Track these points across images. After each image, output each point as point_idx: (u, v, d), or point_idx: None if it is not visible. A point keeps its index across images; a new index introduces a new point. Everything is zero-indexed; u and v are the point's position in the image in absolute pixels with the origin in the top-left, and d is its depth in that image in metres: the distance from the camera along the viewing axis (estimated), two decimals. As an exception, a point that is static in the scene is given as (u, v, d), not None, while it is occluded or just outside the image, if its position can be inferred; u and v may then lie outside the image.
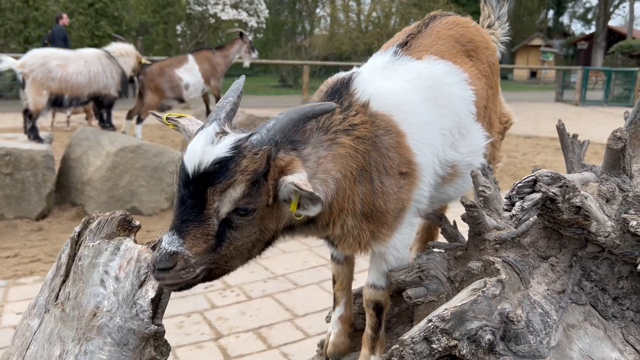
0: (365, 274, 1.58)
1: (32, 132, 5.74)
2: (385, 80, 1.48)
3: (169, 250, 1.03)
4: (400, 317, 1.71)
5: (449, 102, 1.53)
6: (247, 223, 1.13)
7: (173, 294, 1.10)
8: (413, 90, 1.47)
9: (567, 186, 1.17)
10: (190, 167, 1.06)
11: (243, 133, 1.12)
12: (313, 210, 1.12)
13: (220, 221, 1.09)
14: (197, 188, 1.06)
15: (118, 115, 10.27)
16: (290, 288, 4.27)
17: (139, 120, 7.31)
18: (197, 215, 1.07)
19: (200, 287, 4.12)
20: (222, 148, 1.07)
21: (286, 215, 1.21)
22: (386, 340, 1.60)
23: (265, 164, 1.09)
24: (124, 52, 6.23)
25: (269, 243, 1.26)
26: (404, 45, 1.62)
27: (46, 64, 5.59)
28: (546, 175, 1.16)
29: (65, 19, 11.56)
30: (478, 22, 1.96)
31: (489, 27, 2.04)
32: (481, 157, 1.65)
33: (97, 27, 18.57)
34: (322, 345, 1.73)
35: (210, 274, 1.13)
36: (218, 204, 1.07)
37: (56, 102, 5.73)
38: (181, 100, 7.49)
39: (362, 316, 1.68)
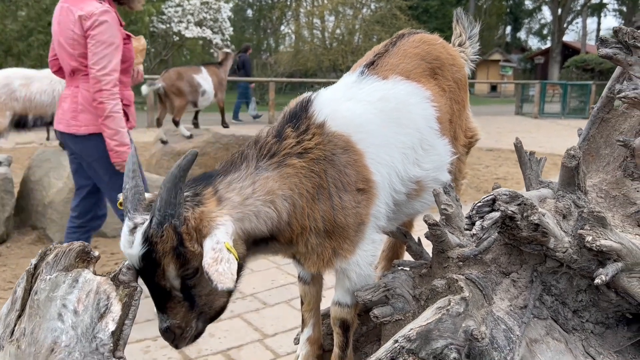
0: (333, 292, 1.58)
1: (-10, 155, 5.57)
2: (347, 101, 1.51)
3: (163, 327, 1.27)
4: (369, 336, 1.71)
5: (411, 121, 1.57)
6: (200, 279, 1.25)
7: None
8: (374, 112, 1.51)
9: (525, 204, 1.20)
10: (133, 267, 1.21)
11: (146, 220, 1.20)
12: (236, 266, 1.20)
13: (180, 290, 1.25)
14: (146, 279, 1.21)
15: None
16: (259, 307, 4.22)
17: (176, 124, 7.71)
18: (163, 295, 1.24)
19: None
20: (138, 247, 1.17)
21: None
22: (355, 359, 1.60)
23: (175, 237, 1.18)
24: None
25: (240, 270, 1.30)
26: (370, 65, 1.66)
27: (9, 84, 5.46)
28: (504, 194, 1.19)
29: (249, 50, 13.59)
30: (445, 38, 2.01)
31: (460, 45, 2.10)
32: (447, 172, 1.69)
33: (57, 45, 18.19)
34: (290, 368, 1.71)
35: (208, 318, 1.33)
36: (168, 284, 1.22)
37: (20, 123, 5.59)
38: (195, 104, 7.83)
39: (331, 337, 1.67)
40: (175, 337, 1.29)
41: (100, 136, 3.53)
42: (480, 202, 1.17)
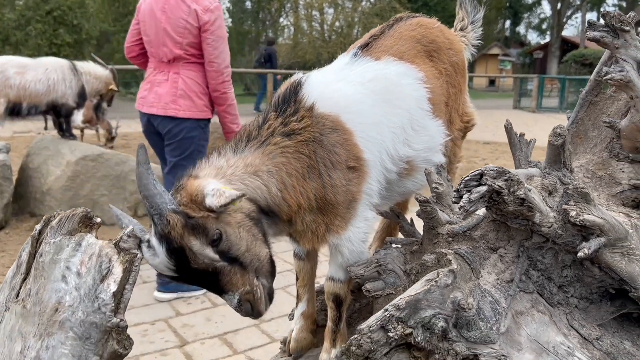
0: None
1: (-12, 142, 5.59)
2: (337, 82, 1.55)
3: (235, 304, 1.32)
4: (361, 313, 1.76)
5: (401, 101, 1.60)
6: (229, 238, 1.29)
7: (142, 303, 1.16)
8: (364, 92, 1.54)
9: (512, 180, 1.25)
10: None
11: (150, 229, 1.25)
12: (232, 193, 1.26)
13: (222, 259, 1.28)
14: (190, 275, 1.28)
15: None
16: (256, 294, 4.27)
17: None
18: (213, 277, 1.29)
19: (165, 296, 4.09)
20: (159, 249, 1.21)
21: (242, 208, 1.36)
22: (348, 335, 1.64)
23: (180, 216, 1.23)
24: (92, 73, 6.18)
25: (260, 222, 1.40)
26: (364, 46, 1.69)
27: (4, 71, 5.47)
28: (492, 170, 1.23)
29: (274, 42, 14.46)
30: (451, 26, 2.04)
31: (462, 29, 2.12)
32: (440, 154, 1.72)
33: (55, 35, 18.15)
34: (285, 342, 1.76)
35: (266, 272, 1.39)
36: (207, 260, 1.26)
37: (14, 111, 5.61)
38: None
39: (325, 312, 1.72)
40: (251, 305, 1.34)
41: (191, 121, 3.86)
42: (468, 176, 1.22)
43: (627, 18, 1.42)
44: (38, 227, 1.05)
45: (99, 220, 1.06)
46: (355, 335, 1.21)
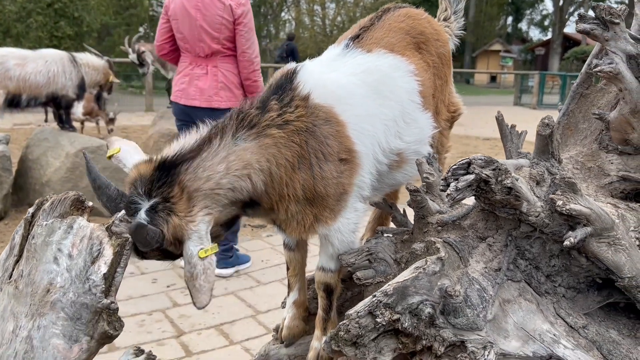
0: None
1: (-13, 133, 5.61)
2: (331, 73, 1.55)
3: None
4: (353, 302, 1.78)
5: (394, 94, 1.60)
6: None
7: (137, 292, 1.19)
8: (358, 83, 1.55)
9: (499, 169, 1.26)
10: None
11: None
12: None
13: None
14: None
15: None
16: (253, 285, 4.31)
17: None
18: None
19: (162, 287, 4.12)
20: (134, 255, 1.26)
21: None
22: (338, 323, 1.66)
23: (160, 252, 1.28)
24: (91, 64, 6.24)
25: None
26: (355, 38, 1.69)
27: (4, 63, 5.49)
28: (480, 159, 1.25)
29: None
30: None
31: (445, 20, 2.13)
32: (428, 145, 1.73)
33: (56, 27, 18.13)
34: (277, 330, 1.79)
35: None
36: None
37: (13, 102, 5.63)
38: None
39: (316, 301, 1.74)
40: None
41: None
42: (455, 165, 1.23)
43: (617, 11, 1.43)
44: (31, 210, 1.07)
45: (90, 203, 1.08)
46: (344, 321, 1.23)
